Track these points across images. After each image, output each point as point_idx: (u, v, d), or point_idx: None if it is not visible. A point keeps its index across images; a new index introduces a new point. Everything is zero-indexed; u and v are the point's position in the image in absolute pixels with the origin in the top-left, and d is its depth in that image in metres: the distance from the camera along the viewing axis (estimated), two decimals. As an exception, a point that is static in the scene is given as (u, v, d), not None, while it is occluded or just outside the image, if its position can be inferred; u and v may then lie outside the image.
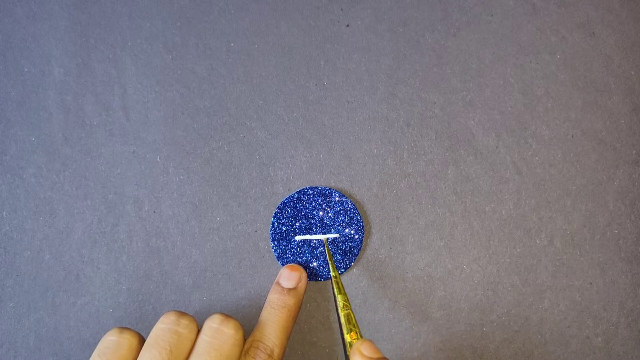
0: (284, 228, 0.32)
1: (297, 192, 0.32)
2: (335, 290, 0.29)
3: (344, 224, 0.32)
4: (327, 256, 0.31)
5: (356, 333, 0.26)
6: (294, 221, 0.32)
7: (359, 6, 0.34)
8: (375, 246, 0.33)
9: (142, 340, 0.27)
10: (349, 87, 0.34)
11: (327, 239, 0.32)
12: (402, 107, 0.34)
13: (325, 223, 0.32)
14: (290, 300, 0.29)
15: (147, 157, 0.33)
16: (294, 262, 0.32)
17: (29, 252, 0.32)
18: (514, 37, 0.34)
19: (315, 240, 0.32)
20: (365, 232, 0.33)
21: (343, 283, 0.33)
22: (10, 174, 0.33)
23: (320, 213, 0.32)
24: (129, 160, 0.33)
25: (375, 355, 0.24)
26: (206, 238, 0.33)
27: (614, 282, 0.33)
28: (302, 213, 0.32)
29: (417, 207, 0.33)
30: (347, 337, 0.26)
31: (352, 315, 0.27)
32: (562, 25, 0.34)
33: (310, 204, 0.32)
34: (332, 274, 0.30)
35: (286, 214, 0.32)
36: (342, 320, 0.27)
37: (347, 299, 0.28)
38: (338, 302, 0.28)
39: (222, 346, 0.26)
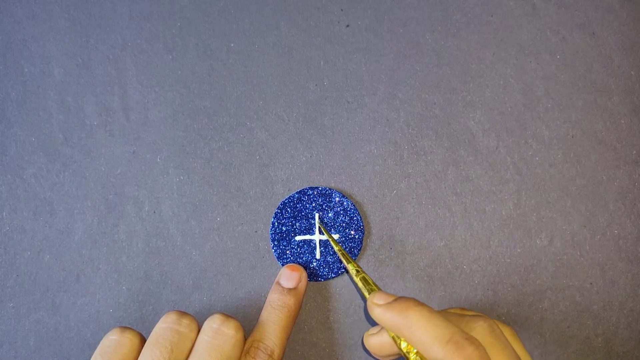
0: (284, 228, 0.32)
1: (297, 193, 0.32)
2: (344, 261, 0.30)
3: (344, 225, 0.32)
4: (325, 234, 0.32)
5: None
6: (294, 221, 0.32)
7: (359, 6, 0.34)
8: (375, 246, 0.33)
9: (143, 340, 0.27)
10: (349, 88, 0.34)
11: (319, 217, 0.32)
12: (402, 107, 0.34)
13: (326, 223, 0.32)
14: (291, 300, 0.29)
15: (147, 158, 0.33)
16: (294, 262, 0.32)
17: (29, 253, 0.32)
18: (514, 37, 0.34)
19: (316, 240, 0.32)
20: (366, 233, 0.33)
21: (342, 285, 0.33)
22: (11, 174, 0.33)
23: (321, 213, 0.32)
24: (129, 161, 0.33)
25: (389, 300, 0.25)
26: (206, 238, 0.33)
27: (614, 283, 0.33)
28: (302, 213, 0.32)
29: (417, 208, 0.33)
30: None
31: (367, 277, 0.28)
32: (562, 26, 0.34)
33: (311, 204, 0.32)
34: (335, 248, 0.30)
35: (286, 214, 0.32)
36: (360, 285, 0.28)
37: (357, 264, 0.29)
38: (350, 271, 0.29)
39: (223, 346, 0.26)
